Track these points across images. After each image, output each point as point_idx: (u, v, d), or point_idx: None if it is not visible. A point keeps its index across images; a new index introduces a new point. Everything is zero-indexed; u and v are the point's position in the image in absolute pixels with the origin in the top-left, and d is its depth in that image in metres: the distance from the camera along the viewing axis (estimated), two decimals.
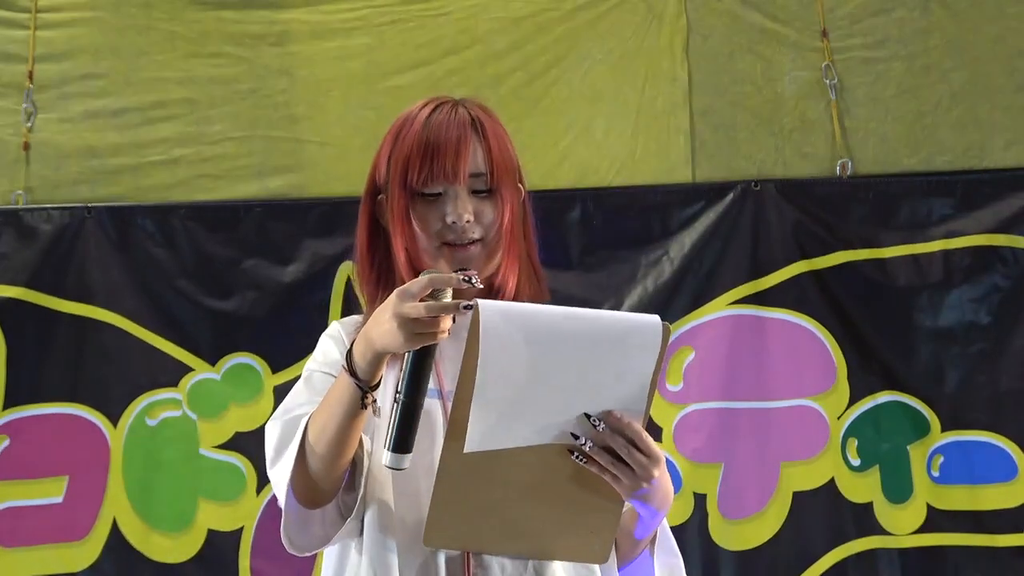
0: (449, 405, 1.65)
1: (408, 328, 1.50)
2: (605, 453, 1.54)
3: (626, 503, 1.61)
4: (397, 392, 1.55)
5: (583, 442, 1.53)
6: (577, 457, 1.54)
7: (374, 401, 1.59)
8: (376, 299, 1.78)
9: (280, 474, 1.66)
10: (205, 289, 3.48)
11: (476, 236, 1.72)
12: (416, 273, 1.64)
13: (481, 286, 1.57)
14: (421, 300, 1.50)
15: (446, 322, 1.51)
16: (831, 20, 3.63)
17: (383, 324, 1.52)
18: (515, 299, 1.75)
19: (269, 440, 1.71)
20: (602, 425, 1.53)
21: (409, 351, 1.53)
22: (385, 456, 1.53)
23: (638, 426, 1.54)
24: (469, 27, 3.67)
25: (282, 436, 1.69)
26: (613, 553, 1.72)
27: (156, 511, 3.37)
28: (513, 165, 1.77)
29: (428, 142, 1.72)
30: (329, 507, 1.67)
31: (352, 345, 1.60)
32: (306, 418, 1.65)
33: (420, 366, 1.54)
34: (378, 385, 1.60)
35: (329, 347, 1.79)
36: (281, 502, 1.66)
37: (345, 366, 1.59)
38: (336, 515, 1.67)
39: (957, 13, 3.63)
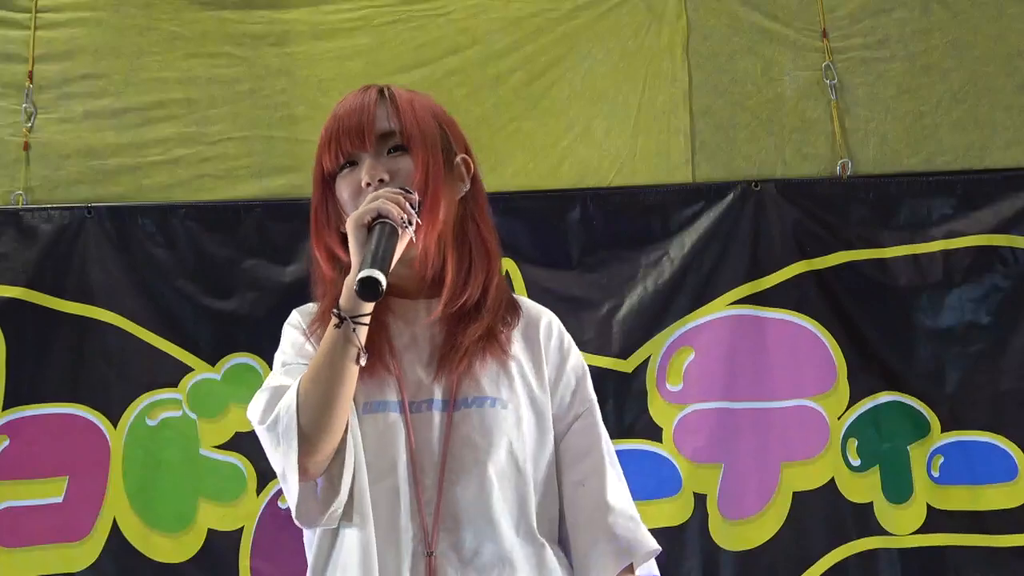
0: (410, 417, 1.68)
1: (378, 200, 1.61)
2: None
3: None
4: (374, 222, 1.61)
5: None
6: None
7: (354, 327, 1.60)
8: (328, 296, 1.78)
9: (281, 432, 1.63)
10: (205, 289, 3.47)
11: None
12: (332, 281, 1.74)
13: (412, 193, 1.66)
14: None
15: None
16: (831, 20, 3.63)
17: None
18: (428, 265, 1.74)
19: (255, 406, 1.69)
20: None
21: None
22: (364, 272, 1.54)
23: None
24: (469, 27, 3.67)
25: (271, 397, 1.68)
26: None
27: (156, 511, 3.37)
28: (430, 128, 1.75)
29: (332, 124, 1.74)
30: (320, 481, 1.65)
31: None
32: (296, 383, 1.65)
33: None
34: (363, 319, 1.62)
35: (297, 339, 1.78)
36: (287, 474, 1.64)
37: (333, 312, 1.61)
38: (328, 489, 1.65)
39: (957, 13, 3.63)
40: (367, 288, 1.54)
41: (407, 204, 1.64)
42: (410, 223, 1.62)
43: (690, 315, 3.44)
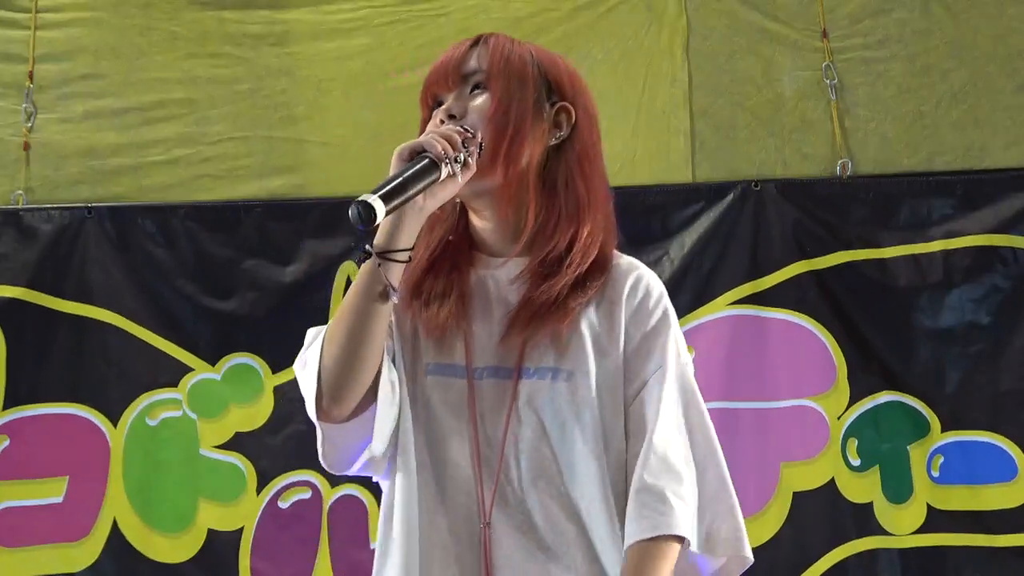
0: (475, 383, 1.65)
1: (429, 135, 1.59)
2: None
3: None
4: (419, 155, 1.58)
5: None
6: None
7: (375, 258, 1.56)
8: None
9: (307, 367, 1.62)
10: (205, 289, 3.48)
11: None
12: None
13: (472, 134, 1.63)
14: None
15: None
16: (831, 20, 3.63)
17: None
18: (506, 208, 1.70)
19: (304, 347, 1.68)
20: None
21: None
22: (362, 196, 1.50)
23: None
24: (469, 27, 3.67)
25: (314, 337, 1.65)
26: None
27: (156, 511, 3.37)
28: (519, 68, 1.72)
29: (428, 74, 1.74)
30: (352, 423, 1.62)
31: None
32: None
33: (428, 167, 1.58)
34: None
35: None
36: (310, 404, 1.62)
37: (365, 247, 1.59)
38: (361, 430, 1.62)
39: (957, 13, 3.63)
40: (359, 210, 1.48)
41: (460, 143, 1.60)
42: (457, 161, 1.59)
43: (690, 315, 3.44)
